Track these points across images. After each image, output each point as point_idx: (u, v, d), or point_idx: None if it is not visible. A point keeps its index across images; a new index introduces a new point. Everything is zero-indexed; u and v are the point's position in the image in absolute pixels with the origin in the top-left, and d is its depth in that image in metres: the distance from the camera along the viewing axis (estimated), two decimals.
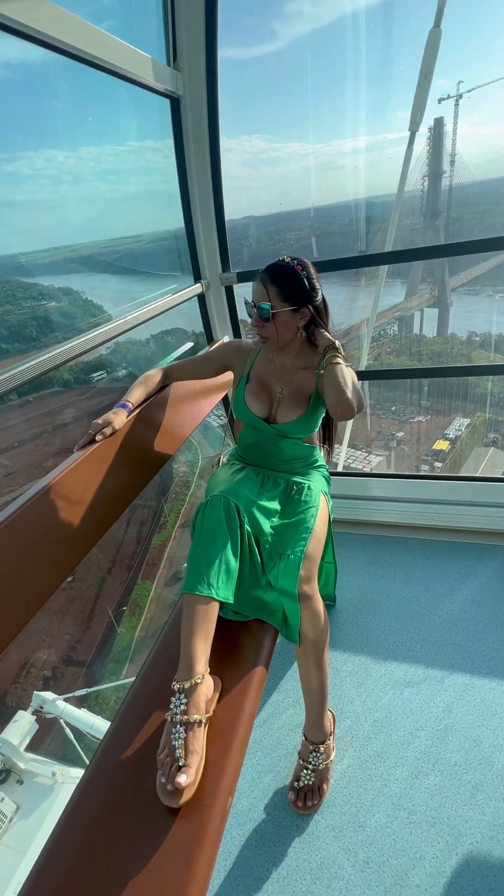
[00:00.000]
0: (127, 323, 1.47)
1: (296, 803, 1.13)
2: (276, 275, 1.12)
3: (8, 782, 4.15)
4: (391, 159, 9.71)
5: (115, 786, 0.87)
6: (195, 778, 0.82)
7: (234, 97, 4.13)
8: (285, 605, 1.07)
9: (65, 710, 4.54)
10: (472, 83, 9.71)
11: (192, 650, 0.93)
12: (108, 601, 9.01)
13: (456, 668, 1.39)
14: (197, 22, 1.48)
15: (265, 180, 23.56)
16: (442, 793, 1.11)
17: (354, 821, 1.09)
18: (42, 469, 7.31)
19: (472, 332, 9.83)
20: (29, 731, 4.27)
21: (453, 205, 9.55)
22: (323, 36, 19.04)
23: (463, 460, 8.30)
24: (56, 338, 7.46)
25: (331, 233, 7.68)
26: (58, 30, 1.05)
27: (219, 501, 1.05)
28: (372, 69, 5.69)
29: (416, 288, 9.92)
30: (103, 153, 9.75)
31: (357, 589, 1.73)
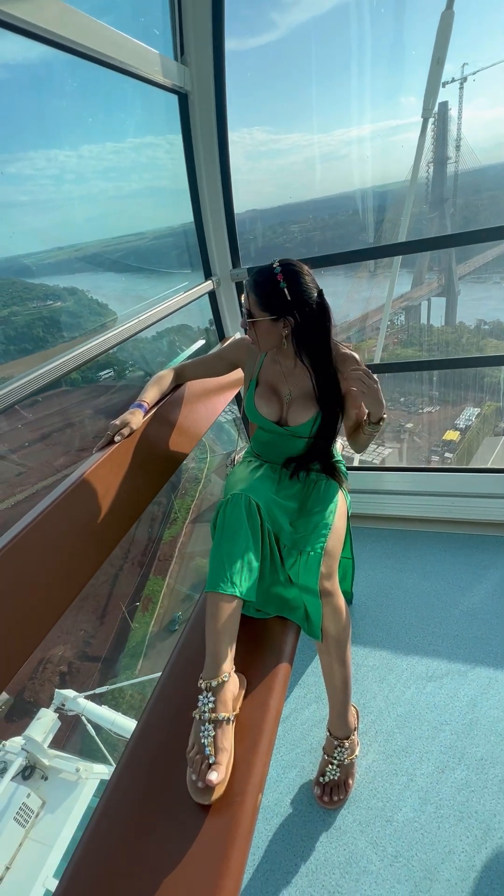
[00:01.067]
0: (140, 323, 1.47)
1: (322, 798, 1.14)
2: (257, 282, 1.09)
3: (33, 778, 4.25)
4: (402, 146, 9.55)
5: (145, 783, 0.88)
6: (225, 775, 0.83)
7: (234, 89, 4.09)
8: (307, 601, 1.07)
9: (86, 707, 4.62)
10: (477, 65, 9.49)
11: (217, 649, 0.94)
12: (122, 597, 9.11)
13: (479, 662, 1.38)
14: (204, 16, 1.46)
15: (266, 173, 23.35)
16: (469, 787, 1.11)
17: (381, 815, 1.09)
18: (53, 468, 7.37)
19: (482, 321, 9.69)
20: (52, 728, 4.35)
21: (460, 191, 9.39)
22: (322, 24, 18.74)
23: (474, 450, 8.22)
24: (63, 338, 7.50)
25: (335, 224, 7.61)
26: (67, 28, 1.04)
27: (239, 500, 1.05)
28: (373, 55, 5.59)
29: (423, 277, 9.80)
30: (104, 151, 9.74)
31: (376, 584, 1.73)
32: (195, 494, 9.58)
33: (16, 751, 4.32)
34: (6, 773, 4.12)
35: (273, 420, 1.24)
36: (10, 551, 0.87)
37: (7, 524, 0.94)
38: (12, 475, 7.29)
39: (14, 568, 0.87)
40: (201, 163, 1.71)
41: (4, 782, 4.05)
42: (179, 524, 9.70)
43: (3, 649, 0.85)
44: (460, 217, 9.40)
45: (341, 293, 7.56)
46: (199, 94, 1.59)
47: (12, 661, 0.87)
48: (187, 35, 1.50)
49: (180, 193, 1.82)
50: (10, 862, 3.79)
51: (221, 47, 1.51)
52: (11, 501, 6.52)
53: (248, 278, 1.12)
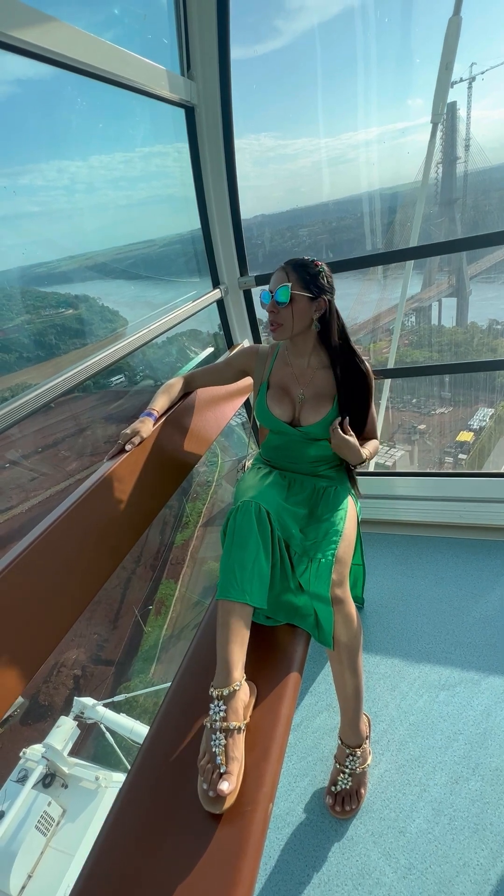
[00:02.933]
0: (150, 333, 1.49)
1: (334, 808, 1.13)
2: (298, 264, 1.16)
3: (54, 786, 4.26)
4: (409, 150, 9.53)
5: (156, 793, 0.89)
6: (237, 784, 0.83)
7: (240, 97, 4.10)
8: (318, 608, 1.07)
9: (105, 715, 4.61)
10: (485, 64, 9.41)
11: (228, 657, 0.94)
12: (134, 601, 9.14)
13: (492, 671, 1.37)
14: (209, 31, 1.48)
15: (274, 178, 23.48)
16: (483, 798, 1.09)
17: (394, 826, 1.09)
18: (66, 473, 7.47)
19: (494, 321, 9.57)
20: (72, 736, 4.35)
21: (469, 191, 9.31)
22: (327, 30, 18.77)
23: (488, 451, 8.10)
24: (75, 344, 7.61)
25: (344, 227, 7.60)
26: (74, 49, 1.06)
27: (249, 507, 1.06)
28: (378, 59, 5.59)
29: (433, 278, 9.72)
30: (114, 161, 9.94)
31: (386, 590, 1.72)
32: (206, 498, 9.59)
33: (36, 758, 4.33)
34: (27, 781, 4.12)
35: (286, 421, 1.25)
36: (26, 558, 0.89)
37: (23, 528, 0.96)
38: (26, 480, 7.40)
39: (30, 575, 0.89)
40: (208, 174, 1.73)
41: (26, 790, 4.04)
42: (191, 528, 9.72)
43: (21, 654, 0.87)
44: (470, 217, 9.32)
45: (351, 295, 7.52)
46: (205, 108, 1.61)
47: (30, 665, 0.88)
48: (193, 50, 1.52)
49: (189, 200, 1.85)
50: (33, 870, 3.80)
51: (227, 61, 1.53)
52: (26, 506, 6.62)
53: (283, 264, 1.18)
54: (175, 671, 1.12)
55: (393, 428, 8.03)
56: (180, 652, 8.54)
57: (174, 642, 8.68)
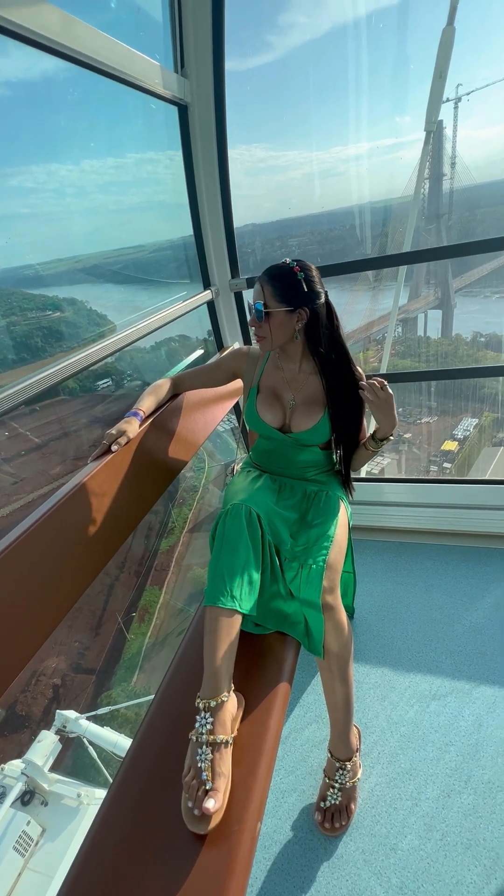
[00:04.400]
0: (139, 331, 1.45)
1: (323, 824, 1.09)
2: (273, 275, 1.11)
3: (33, 804, 4.05)
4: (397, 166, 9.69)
5: (138, 811, 0.84)
6: (223, 802, 0.79)
7: (233, 107, 4.18)
8: (308, 616, 1.04)
9: (88, 728, 4.43)
10: (471, 86, 9.69)
11: (216, 666, 0.90)
12: (117, 608, 8.98)
13: (483, 680, 1.34)
14: (204, 29, 1.47)
15: (266, 188, 23.76)
16: (476, 813, 1.07)
17: (385, 843, 1.05)
18: (49, 477, 7.32)
19: (478, 333, 9.78)
20: (53, 752, 4.16)
21: (455, 207, 9.53)
22: (318, 46, 19.25)
23: (472, 460, 8.21)
24: (62, 347, 7.51)
25: (333, 238, 7.69)
26: (68, 37, 1.04)
27: (240, 510, 1.03)
28: (369, 77, 5.72)
29: (420, 290, 9.89)
30: (105, 165, 9.93)
31: (376, 597, 1.69)
32: (193, 504, 9.51)
33: (15, 775, 4.13)
34: (5, 799, 3.92)
35: (276, 427, 1.22)
36: (3, 561, 0.84)
37: (2, 533, 0.91)
38: (7, 484, 7.22)
39: (7, 579, 0.84)
40: (201, 172, 1.71)
41: (3, 809, 3.85)
42: (177, 534, 9.62)
43: None
44: (456, 232, 9.51)
45: (339, 305, 7.57)
46: (198, 106, 1.60)
47: (6, 673, 0.83)
48: (187, 48, 1.51)
49: (180, 207, 1.83)
50: (10, 893, 3.60)
51: (221, 60, 1.52)
52: (7, 510, 6.46)
53: (261, 275, 1.12)
54: (159, 680, 1.07)
55: None
56: (164, 660, 8.44)
57: (158, 650, 8.53)
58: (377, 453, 1.21)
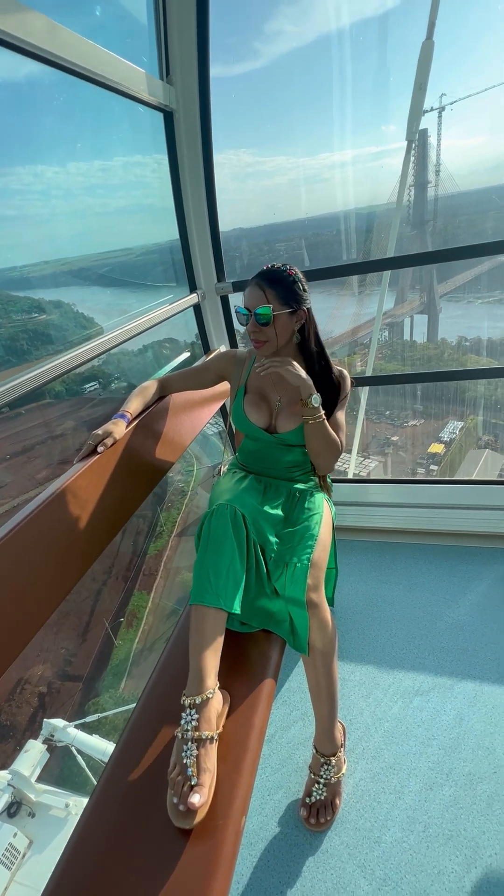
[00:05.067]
0: (124, 334, 1.46)
1: (308, 820, 1.10)
2: (274, 278, 1.13)
3: (19, 815, 3.95)
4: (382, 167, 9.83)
5: (124, 808, 0.84)
6: (208, 797, 0.80)
7: (219, 113, 4.18)
8: (293, 613, 1.06)
9: (76, 737, 4.35)
10: (454, 96, 9.91)
11: (202, 664, 0.91)
12: (105, 613, 8.88)
13: (465, 675, 1.37)
14: (189, 37, 1.50)
15: (252, 193, 23.91)
16: (457, 804, 1.09)
17: (369, 836, 1.06)
18: (35, 481, 7.24)
19: (462, 338, 9.96)
20: (40, 761, 4.07)
21: (439, 214, 9.71)
22: (304, 54, 19.52)
23: (458, 463, 8.34)
24: (47, 350, 7.45)
25: (320, 243, 7.77)
26: (54, 44, 1.05)
27: (225, 510, 1.04)
28: (354, 85, 5.82)
29: (406, 295, 10.04)
30: (92, 168, 9.95)
31: (361, 596, 1.72)
32: (181, 507, 9.47)
33: (1, 786, 4.04)
34: None
35: (262, 427, 1.24)
36: None
37: None
38: None
39: None
40: (186, 178, 1.73)
41: None
42: (165, 537, 9.56)
43: None
44: (440, 238, 9.69)
45: (325, 310, 7.68)
46: (184, 112, 1.62)
47: None
48: (173, 55, 1.53)
49: (167, 211, 1.85)
50: None
51: (206, 67, 1.54)
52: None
53: (258, 279, 1.13)
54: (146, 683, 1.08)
55: (367, 439, 8.16)
56: (152, 665, 8.27)
57: (146, 655, 8.46)
58: (320, 424, 1.14)
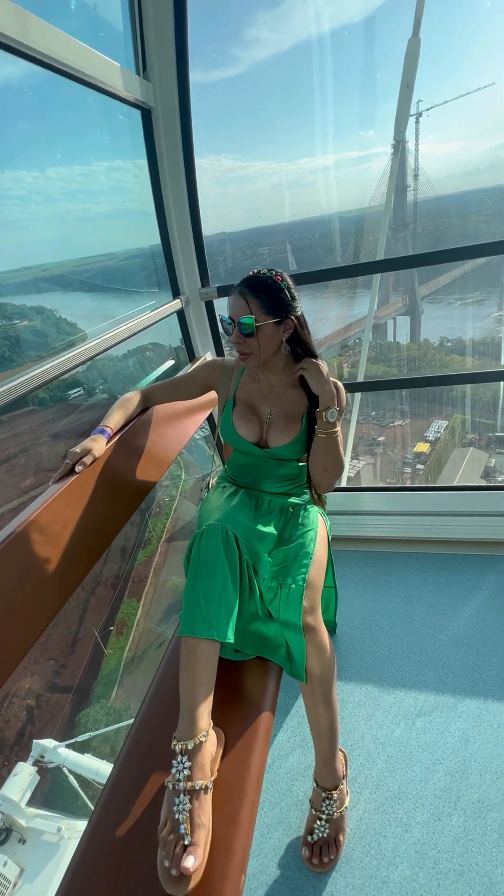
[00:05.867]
0: (107, 341, 1.38)
1: (311, 860, 1.03)
2: (257, 286, 1.06)
3: (9, 842, 3.78)
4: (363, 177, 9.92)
5: (107, 871, 0.76)
6: (203, 858, 0.72)
7: (199, 118, 4.11)
8: (289, 638, 0.99)
9: (67, 757, 4.18)
10: (431, 102, 10.02)
11: (193, 702, 0.84)
12: (94, 622, 8.73)
13: (468, 693, 1.32)
14: (166, 30, 1.43)
15: (235, 197, 23.89)
16: (468, 836, 1.03)
17: (376, 875, 1.00)
18: (19, 489, 7.06)
19: (445, 338, 10.09)
20: (30, 784, 3.90)
21: (419, 217, 9.82)
22: (283, 60, 19.63)
23: (444, 461, 8.40)
24: (30, 357, 7.29)
25: (303, 247, 7.78)
26: (26, 35, 0.97)
27: (216, 531, 0.97)
28: (333, 91, 5.82)
29: (388, 297, 10.12)
30: (72, 173, 9.79)
31: (357, 609, 1.66)
32: (170, 512, 9.36)
33: None
34: None
35: (252, 441, 1.17)
36: None
37: None
38: None
39: None
40: (167, 178, 1.66)
41: None
42: (154, 544, 9.44)
43: None
44: (421, 241, 9.78)
45: (310, 312, 7.67)
46: (162, 110, 1.55)
47: None
48: (149, 50, 1.46)
49: (148, 216, 1.79)
50: None
51: (185, 62, 1.47)
52: None
53: (241, 287, 1.06)
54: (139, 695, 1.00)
55: (355, 440, 8.17)
56: (144, 673, 8.12)
57: (137, 663, 8.32)
58: (334, 439, 1.10)
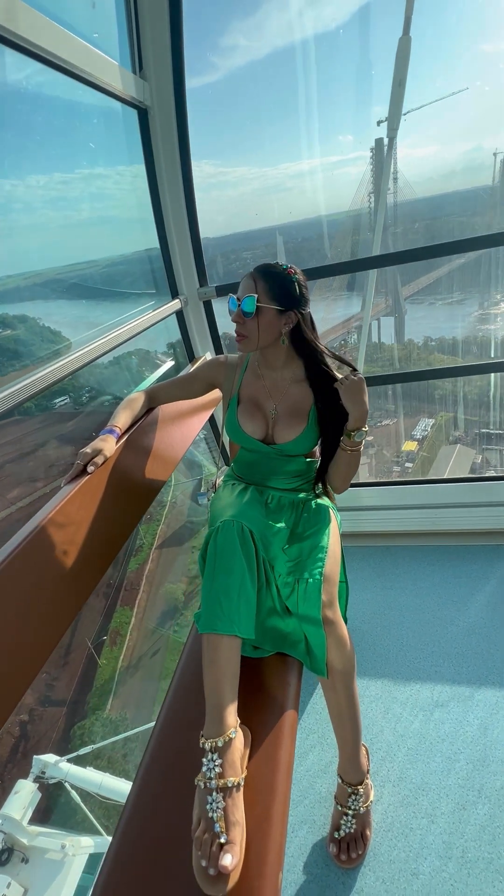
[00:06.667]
0: (105, 344, 1.36)
1: (339, 856, 1.02)
2: (268, 272, 1.06)
3: (12, 862, 3.63)
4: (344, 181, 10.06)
5: (140, 878, 0.74)
6: (241, 856, 0.71)
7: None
8: (308, 633, 0.98)
9: (69, 771, 4.04)
10: (408, 106, 10.18)
11: (220, 700, 0.83)
12: (87, 632, 8.58)
13: (483, 682, 1.33)
14: (162, 31, 1.43)
15: (217, 203, 23.99)
16: (494, 823, 1.03)
17: (406, 868, 0.99)
18: (7, 500, 6.93)
19: (428, 338, 10.25)
20: (31, 802, 3.75)
21: (399, 219, 9.98)
22: (260, 67, 19.89)
23: (432, 458, 8.50)
24: (13, 366, 7.19)
25: (287, 250, 7.83)
26: (20, 26, 0.96)
27: (231, 526, 0.96)
28: (312, 97, 5.91)
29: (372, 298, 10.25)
30: (52, 181, 9.71)
31: (367, 604, 1.66)
32: (161, 519, 9.29)
33: None
34: None
35: (258, 438, 1.16)
36: None
37: None
38: None
39: None
40: (164, 179, 1.65)
41: None
42: (146, 551, 9.35)
43: None
44: (401, 243, 9.93)
45: None
46: (159, 109, 1.54)
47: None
48: (145, 49, 1.46)
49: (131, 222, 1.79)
50: None
51: (181, 62, 1.48)
52: None
53: (253, 271, 1.08)
54: (135, 705, 0.97)
55: None
56: (140, 683, 7.98)
57: (132, 673, 8.20)
58: (356, 458, 1.13)
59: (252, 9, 13.68)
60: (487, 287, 6.89)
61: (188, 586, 8.77)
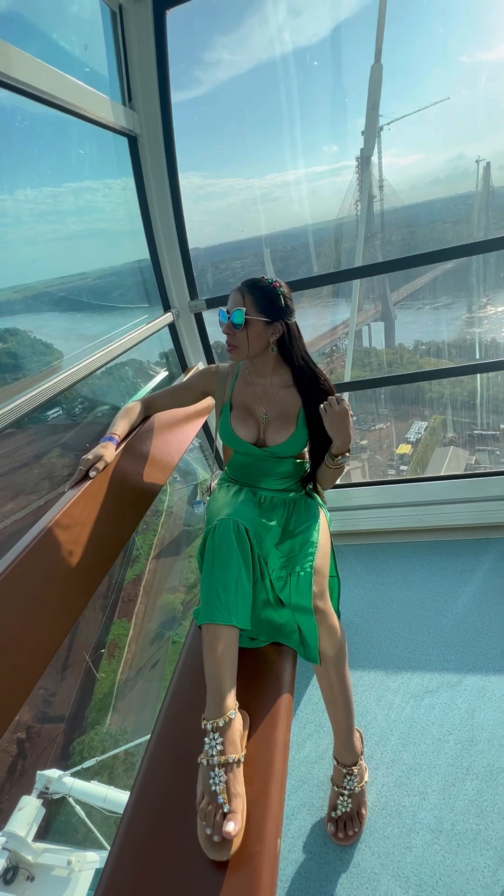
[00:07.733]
0: (106, 356, 1.43)
1: (336, 834, 1.08)
2: (255, 286, 1.14)
3: (17, 881, 3.57)
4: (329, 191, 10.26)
5: (151, 848, 0.80)
6: (242, 823, 0.77)
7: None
8: (301, 622, 1.05)
9: (73, 786, 3.99)
10: (390, 117, 10.43)
11: (220, 684, 0.89)
12: (84, 646, 8.50)
13: (470, 669, 1.40)
14: (149, 63, 1.53)
15: (206, 214, 24.23)
16: (481, 798, 1.10)
17: (400, 843, 1.05)
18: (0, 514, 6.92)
19: (419, 342, 10.39)
20: (36, 818, 3.70)
21: (386, 227, 10.18)
22: (244, 81, 20.35)
23: (426, 461, 8.58)
24: (5, 379, 7.21)
25: (274, 259, 7.96)
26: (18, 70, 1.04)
27: (227, 524, 1.03)
28: (297, 109, 6.08)
29: (361, 305, 10.40)
30: (41, 195, 9.77)
31: (359, 599, 1.72)
32: (157, 529, 9.28)
33: None
34: None
35: (250, 441, 1.24)
36: None
37: None
38: None
39: None
40: (153, 199, 1.74)
41: None
42: (142, 561, 9.32)
43: None
44: (389, 249, 10.11)
45: None
46: (148, 137, 1.64)
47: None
48: (134, 82, 1.56)
49: (120, 235, 1.85)
50: None
51: (167, 92, 1.57)
52: None
53: (240, 285, 1.15)
54: (134, 719, 1.03)
55: None
56: (139, 695, 7.89)
57: (131, 685, 8.13)
58: (339, 471, 1.22)
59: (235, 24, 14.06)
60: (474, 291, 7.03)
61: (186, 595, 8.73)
